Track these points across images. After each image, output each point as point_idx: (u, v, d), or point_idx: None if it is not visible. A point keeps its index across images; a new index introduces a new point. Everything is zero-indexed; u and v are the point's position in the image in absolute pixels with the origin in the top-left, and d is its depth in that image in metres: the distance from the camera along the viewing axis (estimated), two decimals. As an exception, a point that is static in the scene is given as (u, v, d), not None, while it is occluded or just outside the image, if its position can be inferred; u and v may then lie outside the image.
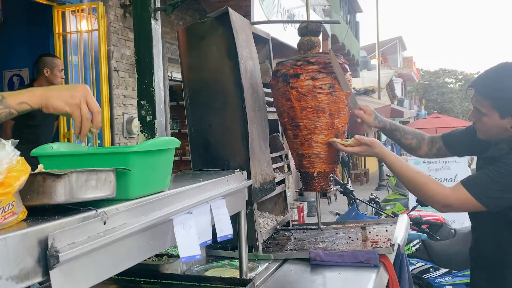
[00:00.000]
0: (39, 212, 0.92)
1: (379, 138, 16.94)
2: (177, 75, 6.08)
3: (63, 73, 4.02)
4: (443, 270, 3.74)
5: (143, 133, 2.31)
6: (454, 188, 1.74)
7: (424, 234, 3.69)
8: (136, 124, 4.95)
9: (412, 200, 5.74)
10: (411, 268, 3.66)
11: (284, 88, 2.08)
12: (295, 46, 2.32)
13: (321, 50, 2.25)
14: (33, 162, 1.03)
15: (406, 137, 2.10)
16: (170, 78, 6.23)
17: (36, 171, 0.92)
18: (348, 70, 2.10)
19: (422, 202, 4.03)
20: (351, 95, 2.07)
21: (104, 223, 0.98)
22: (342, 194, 4.68)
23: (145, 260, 1.92)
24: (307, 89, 2.02)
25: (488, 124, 1.74)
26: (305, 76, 2.02)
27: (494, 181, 1.66)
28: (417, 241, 3.77)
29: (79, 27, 4.52)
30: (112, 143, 4.72)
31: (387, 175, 11.26)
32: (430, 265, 3.78)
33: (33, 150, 1.13)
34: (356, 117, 2.09)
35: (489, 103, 1.71)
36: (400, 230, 2.25)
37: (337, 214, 4.70)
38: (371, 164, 18.67)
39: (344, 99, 2.06)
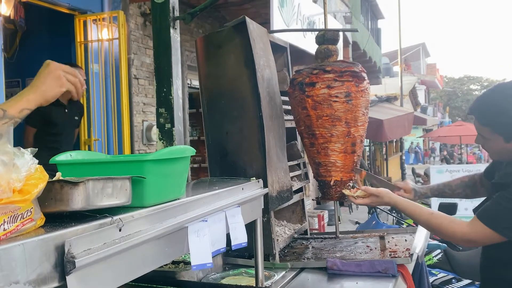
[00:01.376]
0: (56, 219, 0.94)
1: (402, 146, 16.69)
2: (196, 83, 6.13)
3: (85, 82, 4.09)
4: (466, 281, 3.65)
5: (162, 141, 2.34)
6: (472, 223, 1.70)
7: (444, 244, 3.61)
8: (155, 132, 5.01)
9: (435, 210, 5.64)
10: (432, 279, 3.59)
11: (300, 96, 2.09)
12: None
13: (340, 58, 2.25)
14: (54, 169, 1.06)
15: (458, 192, 2.08)
16: (189, 85, 6.30)
17: (54, 179, 0.94)
18: (366, 78, 2.08)
19: (445, 212, 3.96)
20: (387, 183, 2.05)
21: (120, 230, 0.99)
22: (361, 202, 4.62)
23: (162, 266, 1.94)
24: (323, 98, 2.02)
25: (495, 147, 1.72)
26: (321, 84, 2.02)
27: (508, 209, 1.62)
28: (438, 251, 3.70)
29: (100, 35, 4.62)
30: (132, 150, 4.78)
31: (408, 183, 11.07)
32: (452, 276, 3.70)
33: (52, 158, 1.16)
34: (357, 170, 2.10)
35: (490, 130, 1.69)
36: (420, 239, 2.21)
37: (357, 223, 4.66)
38: (394, 172, 18.42)
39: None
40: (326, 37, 2.13)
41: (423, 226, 1.86)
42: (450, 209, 3.93)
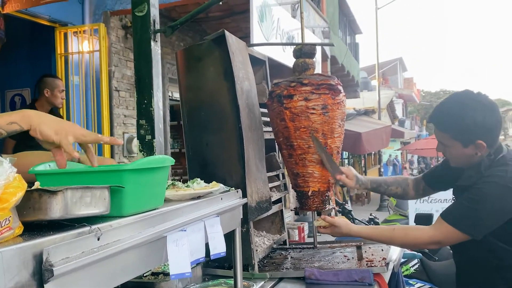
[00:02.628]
0: (35, 228, 0.94)
1: (380, 159, 16.92)
2: (178, 95, 6.14)
3: (64, 94, 4.06)
4: (442, 291, 3.72)
5: (142, 152, 2.35)
6: (436, 224, 1.77)
7: (419, 253, 3.68)
8: (136, 144, 4.99)
9: (412, 220, 5.73)
10: (410, 289, 3.64)
11: (278, 108, 2.13)
12: (294, 67, 2.37)
13: (318, 71, 2.30)
14: (33, 181, 1.07)
15: (391, 188, 2.16)
16: (170, 98, 6.30)
17: (32, 188, 0.95)
18: (342, 91, 2.14)
19: (421, 223, 4.04)
20: (330, 159, 2.11)
21: (98, 239, 1.00)
22: (341, 214, 4.68)
23: (141, 278, 1.94)
24: (300, 110, 2.07)
25: (455, 153, 1.79)
26: (298, 97, 2.07)
27: (472, 209, 1.68)
28: (415, 261, 3.76)
29: (80, 47, 4.61)
30: (112, 162, 4.75)
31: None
32: (429, 286, 3.75)
33: (30, 168, 1.16)
34: (337, 181, 2.14)
35: (449, 136, 1.76)
36: (395, 249, 2.26)
37: (335, 234, 4.69)
38: (372, 184, 18.61)
39: (328, 170, 2.12)
40: (303, 51, 2.19)
41: (391, 244, 1.92)
42: (426, 220, 4.01)
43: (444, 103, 1.83)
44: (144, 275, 1.97)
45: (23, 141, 3.78)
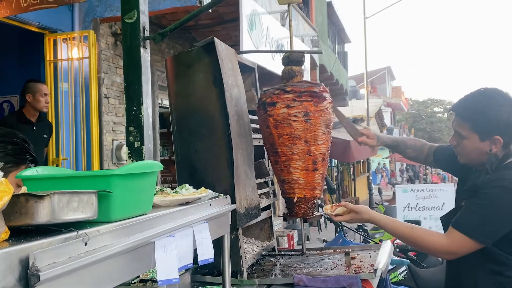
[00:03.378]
0: (21, 233, 0.94)
1: (369, 167, 17.05)
2: (167, 102, 6.13)
3: (48, 98, 4.02)
4: (430, 298, 3.74)
5: (131, 159, 2.34)
6: (449, 234, 1.74)
7: (407, 260, 3.70)
8: (125, 151, 4.97)
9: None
10: (398, 296, 3.65)
11: (264, 115, 2.16)
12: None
13: (307, 79, 2.32)
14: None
15: (407, 151, 2.22)
16: (160, 105, 6.29)
17: (19, 192, 0.95)
18: (327, 98, 2.16)
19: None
20: (351, 125, 2.18)
21: (85, 244, 1.00)
22: (329, 221, 4.70)
23: (129, 285, 1.93)
24: (283, 117, 2.09)
25: (469, 147, 1.78)
26: (281, 104, 2.09)
27: (482, 216, 1.67)
28: (404, 268, 3.78)
29: (70, 54, 4.59)
30: (101, 169, 4.72)
31: (376, 203, 11.29)
32: (417, 293, 3.77)
33: (18, 173, 1.15)
34: (360, 143, 2.21)
35: (469, 126, 1.75)
36: (383, 256, 2.27)
37: (324, 241, 4.71)
38: (361, 193, 18.71)
39: (355, 139, 2.22)
40: (290, 59, 2.21)
41: (405, 241, 1.89)
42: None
43: (472, 94, 1.82)
44: (132, 281, 1.95)
45: None
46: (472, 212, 1.71)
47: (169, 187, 1.60)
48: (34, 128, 3.95)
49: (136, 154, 2.33)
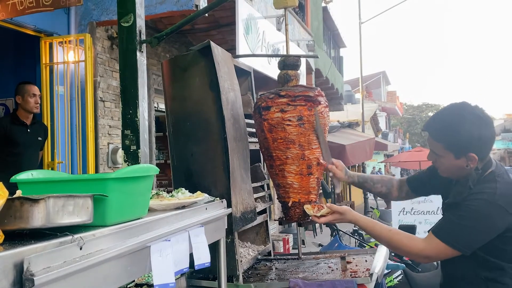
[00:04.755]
0: (16, 237, 0.93)
1: (364, 171, 17.10)
2: (164, 106, 6.12)
3: (38, 98, 3.99)
4: (426, 302, 3.73)
5: (127, 162, 2.33)
6: (428, 239, 1.77)
7: (403, 264, 3.70)
8: (121, 154, 4.95)
9: (395, 231, 5.76)
10: (393, 300, 3.65)
11: (259, 119, 2.16)
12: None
13: (303, 83, 2.32)
14: (14, 191, 1.05)
15: (376, 186, 2.18)
16: (156, 109, 6.28)
17: (14, 196, 0.94)
18: (322, 102, 2.16)
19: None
20: (326, 149, 2.14)
21: (81, 249, 0.99)
22: (325, 225, 4.70)
23: (124, 289, 1.92)
24: (277, 121, 2.09)
25: (446, 164, 1.80)
26: (275, 108, 2.09)
27: (462, 225, 1.69)
28: (399, 273, 3.78)
29: (66, 58, 4.57)
30: (96, 173, 4.70)
31: (371, 207, 11.30)
32: (413, 297, 3.77)
33: (12, 177, 1.15)
34: (328, 171, 2.16)
35: (442, 146, 1.77)
36: (379, 260, 2.27)
37: (320, 245, 4.71)
38: (357, 197, 18.74)
39: (322, 155, 2.16)
40: (286, 63, 2.21)
41: (383, 243, 1.91)
42: (409, 231, 4.03)
43: (441, 113, 1.84)
44: (128, 286, 1.94)
45: (6, 148, 3.74)
46: (451, 221, 1.74)
47: (164, 191, 1.60)
48: (28, 130, 3.94)
49: (132, 157, 2.32)
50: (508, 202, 1.68)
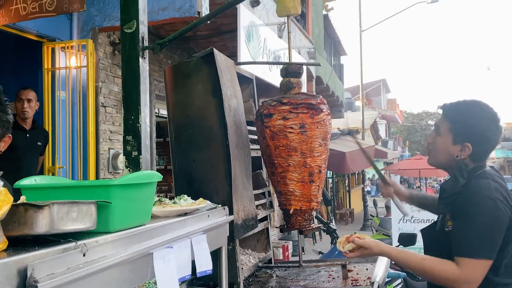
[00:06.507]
0: (20, 243, 0.93)
1: (363, 179, 17.08)
2: (164, 112, 6.12)
3: (26, 103, 3.96)
4: (426, 311, 3.71)
5: (128, 168, 2.33)
6: (458, 263, 1.68)
7: (403, 273, 3.68)
8: (121, 160, 4.95)
9: (395, 240, 5.75)
10: (393, 309, 3.63)
11: (261, 127, 2.16)
12: (280, 86, 2.40)
13: (304, 91, 2.33)
14: (17, 194, 1.05)
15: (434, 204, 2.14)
16: (157, 114, 6.29)
17: (18, 202, 0.94)
18: (324, 110, 2.17)
19: (404, 243, 4.05)
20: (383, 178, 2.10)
21: (84, 255, 0.99)
22: (325, 233, 4.68)
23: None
24: (279, 129, 2.09)
25: (439, 147, 1.81)
26: (277, 116, 2.10)
27: (476, 233, 1.65)
28: (399, 281, 3.76)
29: (68, 63, 4.59)
30: (97, 178, 4.69)
31: (371, 215, 11.28)
32: (413, 306, 3.75)
33: (16, 182, 1.14)
34: (392, 196, 2.12)
35: (448, 125, 1.80)
36: (380, 268, 2.26)
37: (320, 253, 4.69)
38: (356, 204, 18.70)
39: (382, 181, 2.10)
40: (288, 70, 2.22)
41: (417, 273, 1.84)
42: (409, 239, 4.03)
43: (465, 100, 1.87)
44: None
45: (5, 153, 3.73)
46: (465, 234, 1.69)
47: (165, 197, 1.60)
48: (28, 135, 3.93)
49: (133, 163, 2.32)
50: (505, 195, 1.68)
